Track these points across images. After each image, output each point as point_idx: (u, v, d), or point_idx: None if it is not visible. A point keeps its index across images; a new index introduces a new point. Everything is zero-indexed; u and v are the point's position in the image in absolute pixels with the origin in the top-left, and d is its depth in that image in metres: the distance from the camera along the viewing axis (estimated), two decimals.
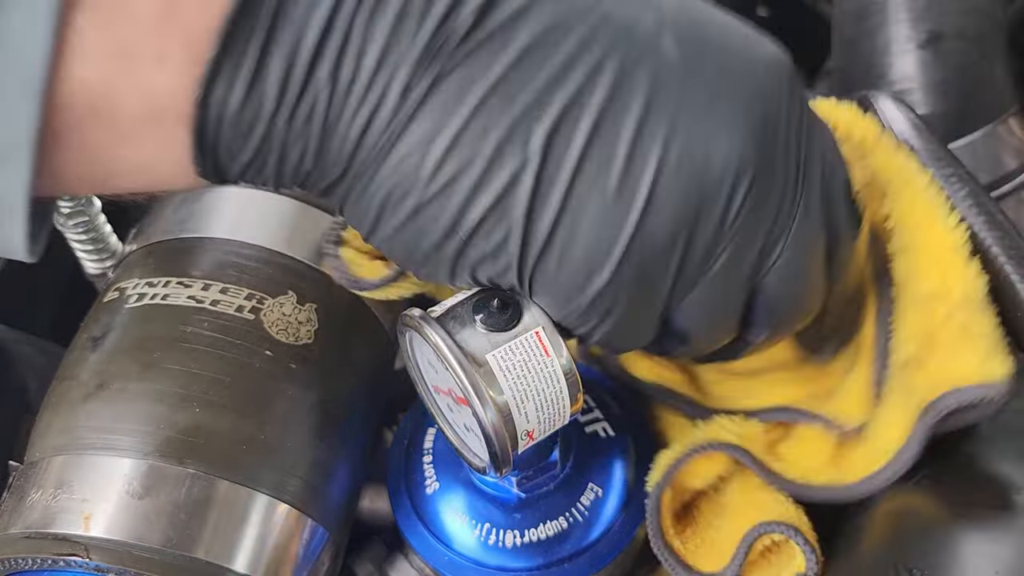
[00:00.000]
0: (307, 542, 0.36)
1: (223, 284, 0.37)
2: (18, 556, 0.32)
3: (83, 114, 0.23)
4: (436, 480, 0.39)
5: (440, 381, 0.32)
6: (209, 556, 0.32)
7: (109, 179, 0.26)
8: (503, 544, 0.37)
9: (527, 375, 0.30)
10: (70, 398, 0.35)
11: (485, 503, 0.37)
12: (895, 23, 0.47)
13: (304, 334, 0.37)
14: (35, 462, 0.34)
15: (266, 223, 0.39)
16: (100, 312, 0.38)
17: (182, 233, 0.39)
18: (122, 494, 0.32)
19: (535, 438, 0.32)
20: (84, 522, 0.32)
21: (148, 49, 0.22)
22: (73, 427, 0.34)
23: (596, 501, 0.37)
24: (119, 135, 0.23)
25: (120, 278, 0.39)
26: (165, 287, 0.37)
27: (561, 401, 0.31)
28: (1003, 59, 0.48)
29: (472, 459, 0.34)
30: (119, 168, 0.25)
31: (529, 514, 0.37)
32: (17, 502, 0.34)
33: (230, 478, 0.34)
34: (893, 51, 0.47)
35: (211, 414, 0.34)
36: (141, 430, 0.34)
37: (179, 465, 0.33)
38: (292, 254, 0.39)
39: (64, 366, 0.37)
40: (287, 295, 0.38)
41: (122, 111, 0.23)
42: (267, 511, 0.34)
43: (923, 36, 0.47)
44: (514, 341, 0.30)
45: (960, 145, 0.46)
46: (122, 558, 0.32)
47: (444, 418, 0.35)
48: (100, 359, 0.36)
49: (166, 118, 0.23)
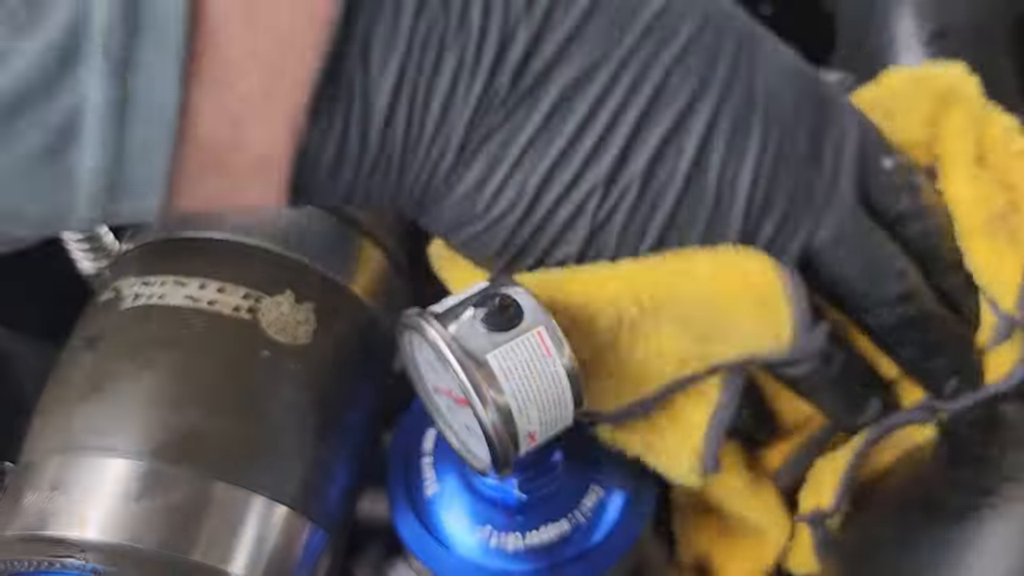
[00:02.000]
0: (305, 544, 0.35)
1: (220, 283, 0.37)
2: (13, 558, 0.32)
3: (205, 165, 0.28)
4: (436, 482, 0.38)
5: (440, 381, 0.32)
6: (206, 558, 0.32)
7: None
8: (504, 547, 0.36)
9: (529, 375, 0.30)
10: (65, 399, 0.35)
11: (486, 505, 0.37)
12: (900, 20, 0.47)
13: (302, 334, 0.37)
14: (30, 463, 0.34)
15: (263, 222, 0.39)
16: (95, 312, 0.38)
17: (178, 232, 0.39)
18: (118, 496, 0.32)
19: (537, 439, 0.31)
20: (80, 524, 0.32)
21: (255, 118, 0.27)
22: (68, 428, 0.34)
23: (599, 502, 0.37)
24: (232, 184, 0.29)
25: (116, 277, 0.39)
26: (161, 287, 0.37)
27: (564, 402, 0.31)
28: (1008, 56, 0.48)
29: (472, 461, 0.34)
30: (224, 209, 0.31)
31: (531, 516, 0.37)
32: (12, 504, 0.33)
33: (227, 480, 0.33)
34: (898, 48, 0.47)
35: (208, 415, 0.34)
36: (137, 431, 0.33)
37: (176, 467, 0.33)
38: (290, 253, 0.39)
39: (59, 367, 0.37)
40: (285, 294, 0.37)
41: (236, 164, 0.28)
42: (265, 513, 0.34)
43: (927, 33, 0.46)
44: (515, 341, 0.30)
45: None
46: (118, 560, 0.31)
47: (444, 419, 0.34)
48: (95, 359, 0.35)
49: (271, 170, 0.29)
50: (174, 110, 0.26)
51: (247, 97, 0.27)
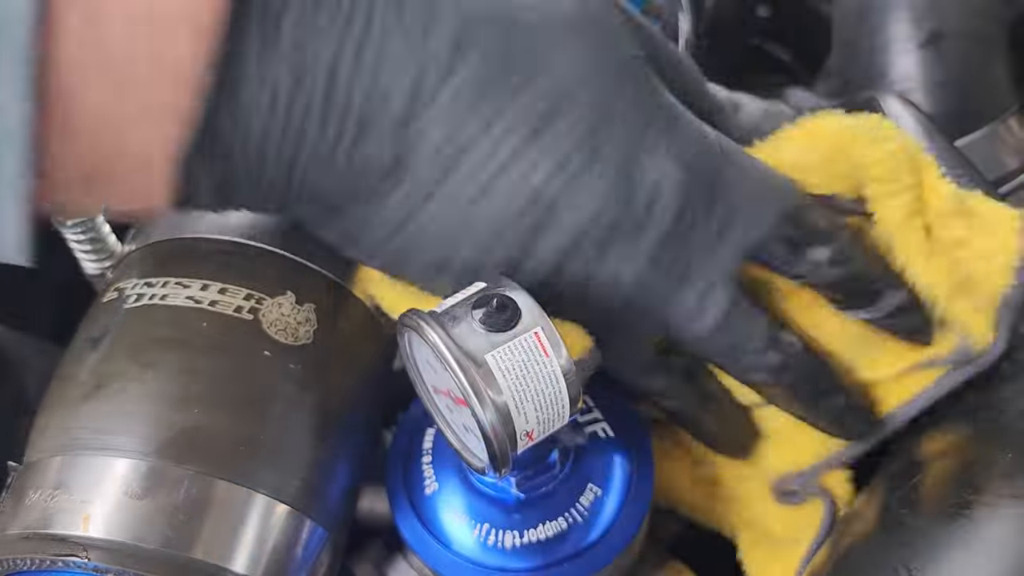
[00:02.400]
0: (306, 542, 0.35)
1: (222, 284, 0.37)
2: (17, 557, 0.32)
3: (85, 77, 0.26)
4: (435, 480, 0.38)
5: (439, 381, 0.32)
6: (208, 556, 0.32)
7: (98, 180, 0.28)
8: (502, 545, 0.37)
9: (526, 375, 0.30)
10: (68, 398, 0.35)
11: (484, 504, 0.37)
12: (896, 22, 0.47)
13: (303, 334, 0.37)
14: (33, 463, 0.34)
15: (264, 223, 0.39)
16: (98, 312, 0.38)
17: (181, 233, 0.39)
18: (121, 495, 0.32)
19: (534, 438, 0.31)
20: (83, 523, 0.32)
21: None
22: (71, 428, 0.34)
23: (596, 501, 0.37)
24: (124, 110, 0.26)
25: (119, 278, 0.39)
26: (164, 287, 0.37)
27: (561, 401, 0.31)
28: (1004, 58, 0.48)
29: (471, 460, 0.34)
30: (115, 162, 0.28)
31: (528, 514, 0.37)
32: (15, 503, 0.33)
33: (229, 479, 0.33)
34: (894, 50, 0.47)
35: (210, 415, 0.34)
36: (140, 431, 0.33)
37: (178, 466, 0.33)
38: (291, 254, 0.39)
39: (62, 366, 0.37)
40: (286, 295, 0.38)
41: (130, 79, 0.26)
42: (266, 511, 0.34)
43: (924, 35, 0.46)
44: (513, 341, 0.30)
45: (961, 145, 0.45)
46: (121, 558, 0.31)
47: (443, 419, 0.34)
48: (98, 359, 0.36)
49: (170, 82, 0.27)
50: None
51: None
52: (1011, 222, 0.34)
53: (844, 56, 0.51)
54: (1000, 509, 0.29)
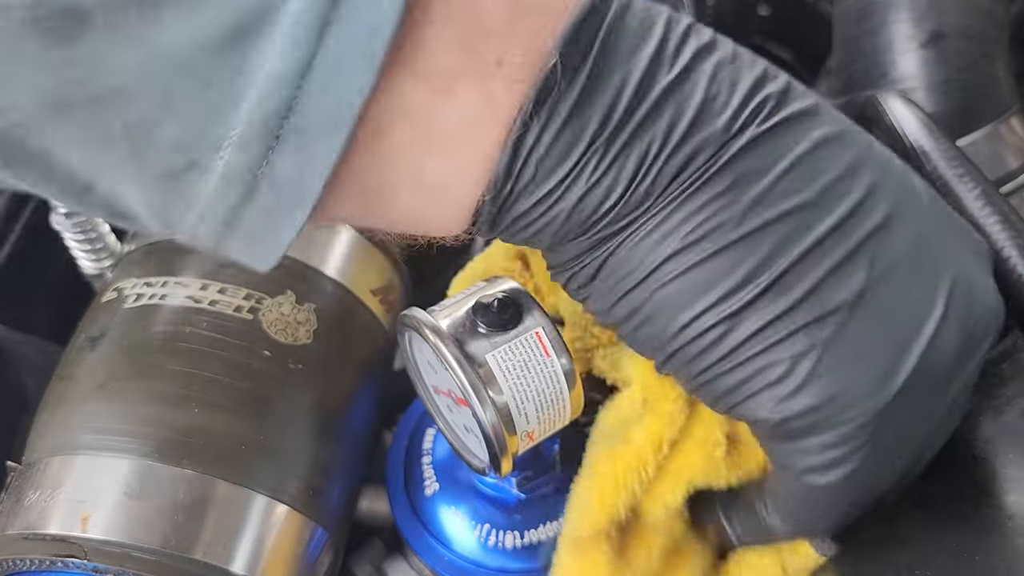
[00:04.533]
0: (306, 543, 0.35)
1: (221, 284, 0.37)
2: (16, 557, 0.32)
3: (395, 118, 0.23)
4: (436, 481, 0.38)
5: (440, 381, 0.32)
6: (207, 557, 0.32)
7: (390, 197, 0.25)
8: (503, 545, 0.37)
9: (527, 375, 0.30)
10: (68, 398, 0.35)
11: (485, 504, 0.37)
12: (897, 22, 0.47)
13: (303, 334, 0.37)
14: (33, 462, 0.34)
15: None
16: (98, 312, 0.38)
17: None
18: (120, 495, 0.32)
19: (535, 439, 0.31)
20: (82, 523, 0.32)
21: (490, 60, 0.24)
22: (71, 427, 0.34)
23: None
24: (430, 142, 0.24)
25: (118, 278, 0.39)
26: (163, 287, 0.37)
27: (561, 402, 0.31)
28: (1005, 58, 0.48)
29: (472, 460, 0.34)
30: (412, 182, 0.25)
31: (529, 515, 0.37)
32: (15, 503, 0.33)
33: (228, 479, 0.33)
34: (895, 50, 0.47)
35: (209, 415, 0.34)
36: (139, 431, 0.33)
37: (177, 466, 0.33)
38: (290, 254, 0.39)
39: (62, 366, 0.37)
40: (286, 295, 0.38)
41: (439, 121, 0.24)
42: (266, 512, 0.34)
43: (925, 35, 0.46)
44: (514, 341, 0.30)
45: (962, 144, 0.46)
46: (120, 559, 0.31)
47: (444, 419, 0.34)
48: (98, 359, 0.36)
49: (482, 128, 0.24)
50: (384, 41, 0.21)
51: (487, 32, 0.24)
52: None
53: (845, 55, 0.51)
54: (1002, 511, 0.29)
